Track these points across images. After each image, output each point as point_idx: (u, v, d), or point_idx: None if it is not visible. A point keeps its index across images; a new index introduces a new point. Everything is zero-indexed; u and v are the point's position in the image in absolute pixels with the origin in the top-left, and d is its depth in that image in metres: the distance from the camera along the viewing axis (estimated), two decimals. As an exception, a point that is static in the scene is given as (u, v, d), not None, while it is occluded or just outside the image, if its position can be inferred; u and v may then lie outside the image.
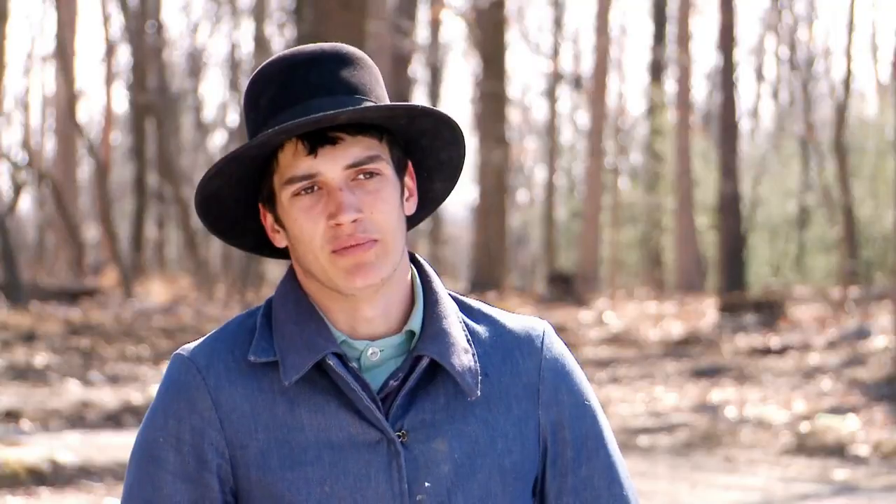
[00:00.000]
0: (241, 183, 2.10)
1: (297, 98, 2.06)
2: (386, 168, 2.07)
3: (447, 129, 2.13)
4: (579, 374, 2.20)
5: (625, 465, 2.21)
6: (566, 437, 2.14)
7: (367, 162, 2.05)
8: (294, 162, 2.04)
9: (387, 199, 2.06)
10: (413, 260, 2.17)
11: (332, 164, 2.04)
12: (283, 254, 2.18)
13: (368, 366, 2.09)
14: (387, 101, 2.12)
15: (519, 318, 2.20)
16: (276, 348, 2.08)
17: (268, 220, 2.12)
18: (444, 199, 2.23)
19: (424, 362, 2.08)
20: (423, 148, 2.15)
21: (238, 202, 2.12)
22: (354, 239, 2.03)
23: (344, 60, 2.10)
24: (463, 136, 2.16)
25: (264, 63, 2.12)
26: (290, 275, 2.14)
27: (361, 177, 2.05)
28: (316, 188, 2.05)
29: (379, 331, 2.10)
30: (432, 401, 2.09)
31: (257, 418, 2.06)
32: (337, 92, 2.07)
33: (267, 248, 2.18)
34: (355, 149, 2.05)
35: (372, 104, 2.06)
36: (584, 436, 2.16)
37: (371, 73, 2.12)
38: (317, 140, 2.04)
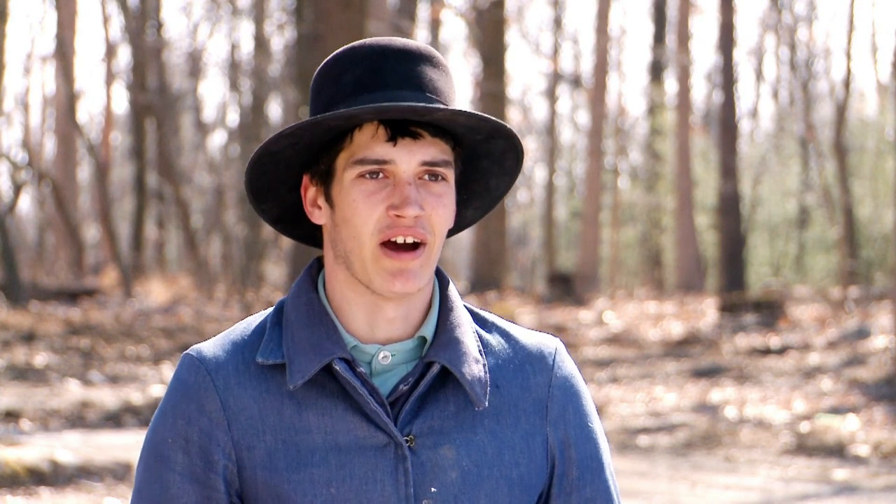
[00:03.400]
0: (306, 149, 2.08)
1: (384, 84, 2.05)
2: (451, 176, 2.07)
3: (512, 158, 2.14)
4: (587, 395, 2.21)
5: (618, 489, 2.23)
6: (572, 456, 2.16)
7: (440, 164, 2.05)
8: (371, 144, 2.04)
9: (447, 205, 2.06)
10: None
11: (408, 157, 2.03)
12: (297, 235, 2.18)
13: (379, 370, 2.09)
14: None
15: (532, 334, 2.20)
16: (284, 351, 2.08)
17: (309, 193, 2.11)
18: (467, 228, 2.23)
19: (435, 368, 2.08)
20: (479, 170, 2.15)
21: (289, 167, 2.11)
22: (412, 232, 2.02)
23: (433, 62, 2.09)
24: (520, 171, 2.16)
25: (351, 44, 2.11)
26: (306, 275, 2.14)
27: (428, 177, 2.05)
28: (382, 175, 2.04)
29: (396, 333, 2.10)
30: (441, 408, 2.09)
31: (265, 420, 2.07)
32: (423, 90, 2.06)
33: (280, 224, 2.18)
34: (432, 149, 2.05)
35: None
36: (588, 456, 2.17)
37: (453, 83, 2.12)
38: (398, 130, 2.03)
